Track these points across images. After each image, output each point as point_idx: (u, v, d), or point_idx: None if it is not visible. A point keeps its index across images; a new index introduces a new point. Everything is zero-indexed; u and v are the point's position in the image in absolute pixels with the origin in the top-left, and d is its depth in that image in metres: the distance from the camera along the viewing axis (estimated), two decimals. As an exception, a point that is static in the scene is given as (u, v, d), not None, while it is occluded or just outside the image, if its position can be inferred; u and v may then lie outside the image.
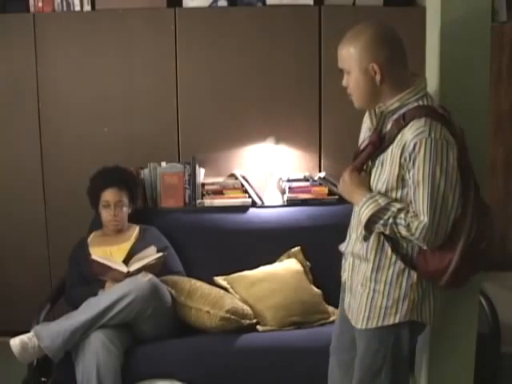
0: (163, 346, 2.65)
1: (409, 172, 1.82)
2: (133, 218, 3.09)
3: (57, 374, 2.58)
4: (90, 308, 2.56)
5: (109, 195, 2.96)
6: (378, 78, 1.85)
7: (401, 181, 1.85)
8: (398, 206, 1.84)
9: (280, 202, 3.37)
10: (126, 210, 3.01)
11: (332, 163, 3.36)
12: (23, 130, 3.40)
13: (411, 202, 1.83)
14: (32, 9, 3.35)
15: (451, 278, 1.84)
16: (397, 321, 1.91)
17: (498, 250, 3.78)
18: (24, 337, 2.48)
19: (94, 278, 2.77)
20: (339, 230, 2.13)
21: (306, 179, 3.35)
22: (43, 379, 2.55)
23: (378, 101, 1.93)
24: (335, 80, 2.09)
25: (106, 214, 2.97)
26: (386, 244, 1.90)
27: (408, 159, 1.80)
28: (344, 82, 1.94)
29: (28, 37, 3.33)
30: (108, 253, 2.88)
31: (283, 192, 3.37)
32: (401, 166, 1.83)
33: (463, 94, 2.11)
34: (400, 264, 1.90)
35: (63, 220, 3.40)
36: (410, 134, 1.80)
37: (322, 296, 2.93)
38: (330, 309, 2.88)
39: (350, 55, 1.87)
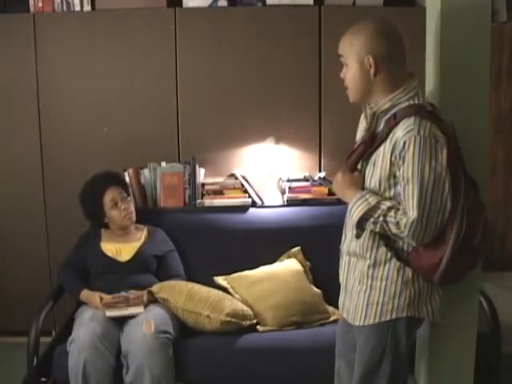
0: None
1: (399, 170, 1.84)
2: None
3: (57, 373, 2.58)
4: None
5: (112, 193, 2.94)
6: (372, 71, 1.88)
7: (392, 179, 1.87)
8: (388, 204, 1.85)
9: (280, 202, 3.37)
10: (133, 203, 3.04)
11: (332, 163, 3.35)
12: (23, 129, 3.40)
13: (402, 199, 1.85)
14: (32, 9, 3.35)
15: (444, 275, 1.84)
16: (394, 317, 1.92)
17: (498, 249, 3.78)
18: None
19: (94, 271, 2.88)
20: (339, 230, 2.12)
21: (305, 179, 3.35)
22: (43, 379, 2.55)
23: (370, 97, 1.94)
24: (335, 80, 2.10)
25: (117, 213, 2.94)
26: (381, 241, 1.92)
27: (398, 157, 1.83)
28: (342, 74, 1.97)
29: (28, 37, 3.32)
30: (118, 249, 2.91)
31: (283, 192, 3.37)
32: (392, 164, 1.85)
33: (463, 94, 2.11)
34: (395, 260, 1.91)
35: (63, 220, 3.40)
36: (400, 133, 1.83)
37: (321, 296, 2.93)
38: (330, 309, 2.88)
39: (350, 45, 1.91)
